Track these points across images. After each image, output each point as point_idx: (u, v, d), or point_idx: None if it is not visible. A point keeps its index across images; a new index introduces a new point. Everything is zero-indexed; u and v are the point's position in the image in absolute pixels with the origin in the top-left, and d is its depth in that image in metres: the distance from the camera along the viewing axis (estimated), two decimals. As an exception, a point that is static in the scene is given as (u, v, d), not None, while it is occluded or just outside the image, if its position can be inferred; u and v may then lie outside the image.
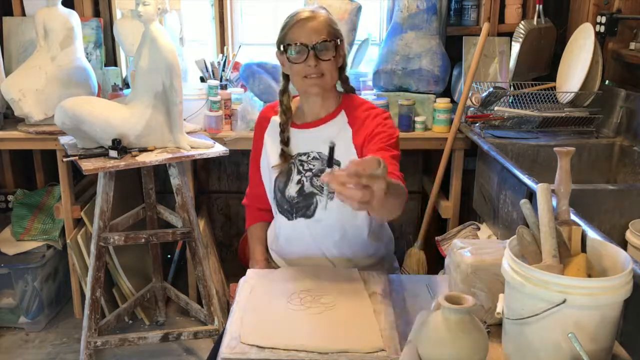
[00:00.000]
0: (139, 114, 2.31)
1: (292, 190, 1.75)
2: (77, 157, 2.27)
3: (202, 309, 2.60)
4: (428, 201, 2.88)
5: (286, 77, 1.77)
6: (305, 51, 1.63)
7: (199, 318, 2.67)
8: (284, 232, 1.79)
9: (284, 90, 1.77)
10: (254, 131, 1.89)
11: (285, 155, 1.75)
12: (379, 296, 1.50)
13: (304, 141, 1.76)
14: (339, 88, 1.80)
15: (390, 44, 2.82)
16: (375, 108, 1.75)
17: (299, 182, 1.74)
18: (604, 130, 2.57)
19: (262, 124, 1.85)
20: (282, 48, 1.68)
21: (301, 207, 1.75)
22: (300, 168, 1.75)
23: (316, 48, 1.63)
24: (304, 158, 1.75)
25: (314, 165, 1.73)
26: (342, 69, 1.75)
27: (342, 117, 1.74)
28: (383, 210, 1.37)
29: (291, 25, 1.66)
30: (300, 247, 1.77)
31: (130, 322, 2.95)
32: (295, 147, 1.76)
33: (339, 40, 1.68)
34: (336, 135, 1.70)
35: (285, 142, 1.76)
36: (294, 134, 1.77)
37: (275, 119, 1.80)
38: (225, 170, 3.34)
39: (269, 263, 1.87)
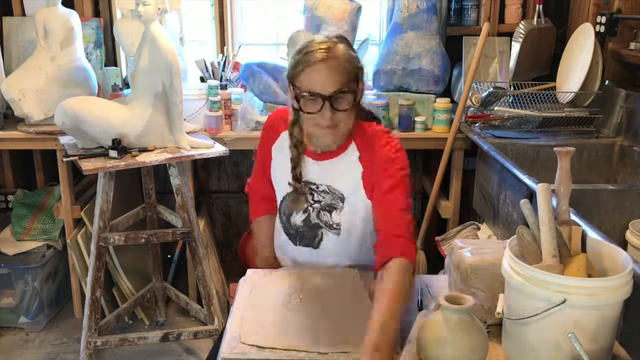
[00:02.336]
0: (139, 114, 2.31)
1: (297, 218, 1.67)
2: (77, 157, 2.27)
3: (202, 309, 2.60)
4: (428, 201, 2.88)
5: (297, 109, 1.57)
6: (319, 102, 1.47)
7: (199, 318, 2.67)
8: (290, 253, 1.73)
9: (294, 123, 1.62)
10: (261, 136, 1.76)
11: (298, 191, 1.64)
12: (379, 296, 1.49)
13: (314, 171, 1.64)
14: None
15: (390, 44, 2.82)
16: (388, 147, 1.57)
17: (305, 211, 1.66)
18: (604, 130, 2.57)
19: (270, 135, 1.72)
20: (292, 88, 1.52)
21: (306, 236, 1.67)
22: (309, 197, 1.65)
23: (332, 98, 1.46)
24: (313, 187, 1.65)
25: (323, 198, 1.64)
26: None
27: (352, 149, 1.61)
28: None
29: (304, 66, 1.47)
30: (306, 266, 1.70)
31: (130, 322, 2.94)
32: (304, 174, 1.65)
33: (358, 83, 1.52)
34: (347, 171, 1.61)
35: (297, 178, 1.64)
36: (305, 160, 1.65)
37: (285, 136, 1.67)
38: (225, 170, 3.34)
39: (276, 261, 1.78)
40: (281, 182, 1.70)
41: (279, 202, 1.72)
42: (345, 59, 1.48)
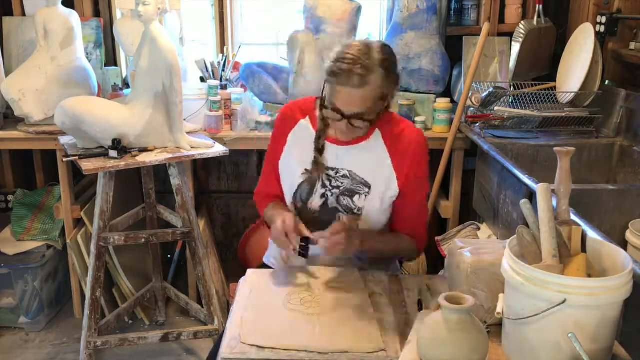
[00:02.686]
0: (139, 114, 2.31)
1: (315, 203, 1.69)
2: (77, 157, 2.27)
3: (202, 309, 2.60)
4: (428, 201, 2.88)
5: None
6: (338, 116, 1.53)
7: (199, 318, 2.67)
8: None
9: (324, 102, 1.60)
10: (275, 128, 1.78)
11: (318, 164, 1.66)
12: (379, 296, 1.50)
13: (334, 155, 1.67)
14: None
15: (390, 44, 2.81)
16: (415, 139, 1.66)
17: (323, 195, 1.68)
18: (604, 130, 2.57)
19: (286, 123, 1.74)
20: (326, 83, 1.55)
21: (321, 221, 1.66)
22: (327, 183, 1.67)
23: (351, 118, 1.53)
24: (331, 173, 1.67)
25: (342, 183, 1.67)
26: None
27: (377, 137, 1.66)
28: (381, 257, 1.75)
29: (336, 82, 1.50)
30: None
31: (130, 322, 2.94)
32: (324, 159, 1.67)
33: (387, 100, 1.57)
34: (372, 159, 1.65)
35: (320, 150, 1.66)
36: (325, 145, 1.68)
37: (304, 123, 1.71)
38: (225, 170, 3.33)
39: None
40: (296, 169, 1.71)
41: (293, 190, 1.72)
42: (379, 87, 1.50)
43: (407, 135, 1.67)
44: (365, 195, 1.67)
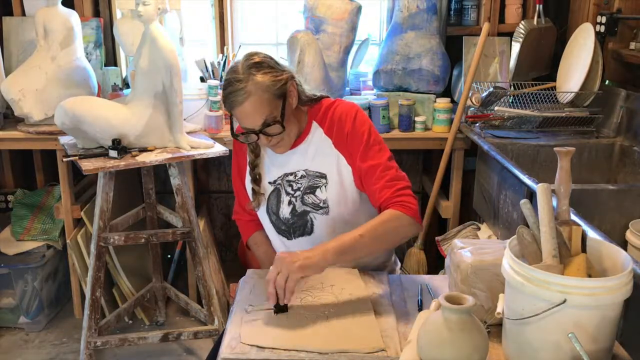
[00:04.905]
0: (139, 114, 2.31)
1: (285, 211, 1.72)
2: (77, 157, 2.27)
3: (202, 309, 2.60)
4: (428, 201, 2.88)
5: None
6: (253, 136, 1.60)
7: (199, 318, 2.67)
8: (289, 249, 1.75)
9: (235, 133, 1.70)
10: (234, 145, 1.82)
11: (257, 194, 1.73)
12: (379, 296, 1.50)
13: (289, 161, 1.71)
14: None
15: (390, 44, 2.82)
16: (343, 112, 1.67)
17: (289, 202, 1.71)
18: (604, 130, 2.57)
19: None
20: (231, 115, 1.62)
21: (298, 226, 1.72)
22: (289, 189, 1.71)
23: (263, 131, 1.57)
24: (291, 178, 1.71)
25: (301, 184, 1.70)
26: (301, 99, 1.66)
27: (315, 127, 1.69)
28: (371, 251, 1.56)
29: (231, 107, 1.57)
30: None
31: (130, 322, 2.95)
32: (281, 167, 1.71)
33: (286, 98, 1.59)
34: (319, 150, 1.67)
35: (256, 180, 1.73)
36: (276, 155, 1.71)
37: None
38: (225, 170, 3.33)
39: None
40: (262, 183, 1.75)
41: (265, 204, 1.75)
42: (264, 89, 1.54)
43: (337, 112, 1.67)
44: (325, 186, 1.68)
